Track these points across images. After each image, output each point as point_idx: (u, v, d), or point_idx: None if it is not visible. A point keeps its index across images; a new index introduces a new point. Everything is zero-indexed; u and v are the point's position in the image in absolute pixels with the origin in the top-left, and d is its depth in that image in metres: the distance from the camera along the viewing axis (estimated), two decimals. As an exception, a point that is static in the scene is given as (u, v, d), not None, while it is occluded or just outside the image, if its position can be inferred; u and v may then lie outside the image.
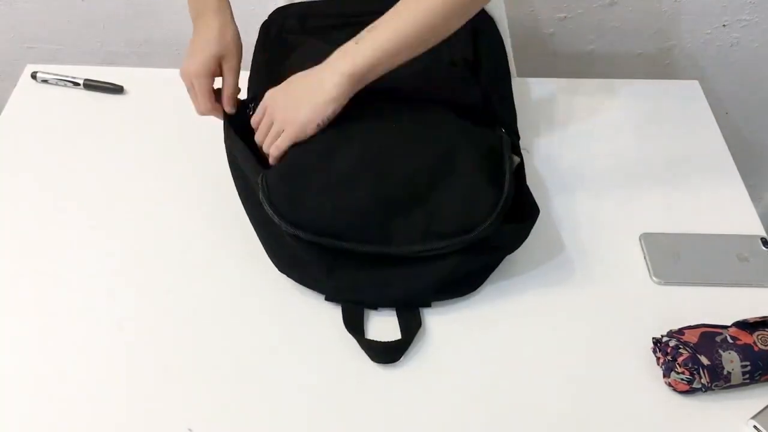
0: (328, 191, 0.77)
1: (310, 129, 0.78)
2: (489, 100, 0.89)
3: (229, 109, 0.85)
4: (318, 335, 0.80)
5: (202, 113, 0.85)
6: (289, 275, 0.83)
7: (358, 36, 0.76)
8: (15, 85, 1.08)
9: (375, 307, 0.82)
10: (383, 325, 0.81)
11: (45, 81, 1.08)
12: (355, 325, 0.80)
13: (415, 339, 0.79)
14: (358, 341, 0.78)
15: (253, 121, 0.83)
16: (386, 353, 0.78)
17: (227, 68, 0.83)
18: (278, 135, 0.79)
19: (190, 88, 0.84)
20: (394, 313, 0.82)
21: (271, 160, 0.81)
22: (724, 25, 1.33)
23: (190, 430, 0.72)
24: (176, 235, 0.89)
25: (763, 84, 1.43)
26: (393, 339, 0.79)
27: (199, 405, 0.74)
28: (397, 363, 0.78)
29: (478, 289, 0.83)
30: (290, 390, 0.76)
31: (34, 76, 1.08)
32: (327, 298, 0.82)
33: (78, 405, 0.74)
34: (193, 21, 0.85)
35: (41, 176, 0.96)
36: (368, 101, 0.81)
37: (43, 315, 0.81)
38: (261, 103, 0.81)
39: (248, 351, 0.79)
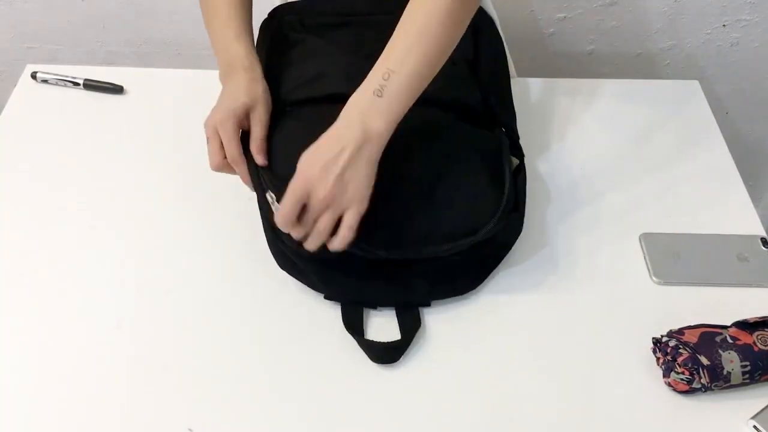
0: None
1: (369, 193, 0.73)
2: (488, 100, 0.89)
3: (261, 160, 0.78)
4: (318, 334, 0.80)
5: (218, 166, 0.79)
6: (289, 272, 0.83)
7: (376, 85, 0.71)
8: (15, 85, 1.08)
9: (375, 306, 0.82)
10: (383, 325, 0.81)
11: (45, 81, 1.08)
12: (354, 325, 0.80)
13: (415, 339, 0.79)
14: (358, 341, 0.78)
15: (288, 218, 0.72)
16: (386, 353, 0.78)
17: (255, 118, 0.79)
18: (335, 220, 0.72)
19: (211, 139, 0.78)
20: (394, 312, 0.82)
21: (339, 247, 0.74)
22: (724, 25, 1.33)
23: (190, 430, 0.72)
24: (176, 235, 0.89)
25: (763, 84, 1.43)
26: (393, 339, 0.79)
27: (199, 405, 0.74)
28: (396, 363, 0.78)
29: (479, 289, 0.83)
30: (290, 390, 0.76)
31: (34, 76, 1.08)
32: (326, 297, 0.82)
33: (78, 405, 0.74)
34: (222, 81, 0.82)
35: (41, 176, 0.96)
36: None
37: (42, 315, 0.81)
38: (290, 198, 0.72)
39: (248, 351, 0.79)
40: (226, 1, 0.85)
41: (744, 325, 0.76)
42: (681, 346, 0.74)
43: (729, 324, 0.77)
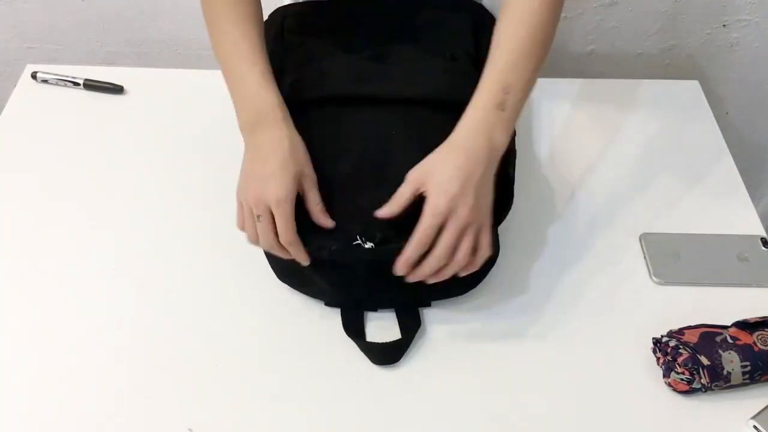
0: (328, 200, 0.75)
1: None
2: None
3: (329, 223, 0.74)
4: (318, 334, 0.80)
5: (271, 246, 0.72)
6: (289, 283, 0.83)
7: (498, 99, 0.72)
8: (15, 85, 1.08)
9: (375, 308, 0.82)
10: (382, 326, 0.81)
11: (45, 81, 1.08)
12: (354, 329, 0.80)
13: (415, 339, 0.79)
14: (359, 345, 0.78)
15: (425, 243, 0.70)
16: (386, 354, 0.78)
17: (308, 185, 0.73)
18: (475, 240, 0.71)
19: (262, 216, 0.71)
20: (393, 314, 0.82)
21: (475, 268, 0.73)
22: (724, 25, 1.33)
23: (190, 430, 0.72)
24: (176, 236, 0.89)
25: (763, 84, 1.43)
26: (392, 339, 0.79)
27: (199, 405, 0.74)
28: (396, 363, 0.78)
29: (479, 289, 0.83)
30: (290, 390, 0.76)
31: (34, 76, 1.08)
32: (327, 303, 0.82)
33: (78, 405, 0.74)
34: (249, 129, 0.75)
35: (41, 176, 0.96)
36: (364, 107, 0.81)
37: (42, 314, 0.81)
38: (433, 219, 0.69)
39: (248, 351, 0.79)
40: (243, 32, 0.78)
41: (744, 325, 0.76)
42: (681, 346, 0.74)
43: (729, 324, 0.77)
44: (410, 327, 0.80)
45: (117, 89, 1.07)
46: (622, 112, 1.06)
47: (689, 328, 0.76)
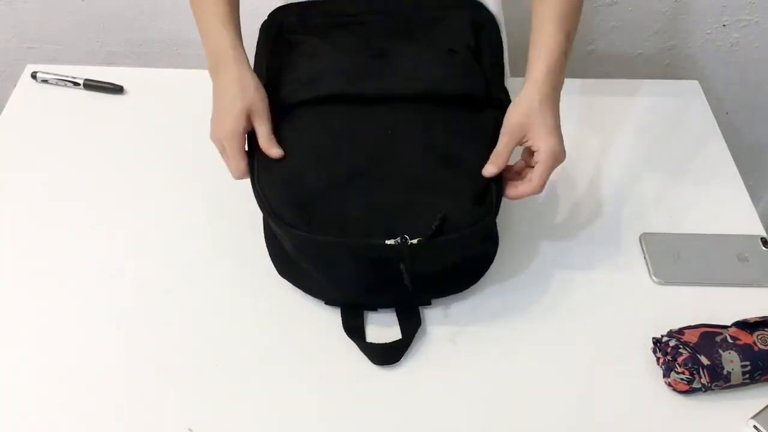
0: (327, 197, 0.76)
1: None
2: (490, 90, 0.88)
3: (276, 153, 0.79)
4: (318, 334, 0.80)
5: (238, 176, 0.80)
6: (288, 278, 0.83)
7: (564, 48, 0.80)
8: (15, 85, 1.08)
9: (375, 308, 0.82)
10: (383, 325, 0.81)
11: (45, 81, 1.08)
12: (354, 329, 0.80)
13: (415, 339, 0.79)
14: (359, 345, 0.78)
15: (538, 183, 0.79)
16: (386, 355, 0.78)
17: (257, 119, 0.79)
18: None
19: (223, 152, 0.80)
20: (393, 314, 0.81)
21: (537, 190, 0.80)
22: (724, 25, 1.33)
23: (190, 430, 0.72)
24: (176, 235, 0.89)
25: (763, 84, 1.43)
26: (392, 339, 0.79)
27: (199, 405, 0.74)
28: (397, 363, 0.78)
29: (479, 289, 0.83)
30: (290, 390, 0.76)
31: (34, 76, 1.08)
32: (327, 303, 0.82)
33: (77, 405, 0.74)
34: (212, 75, 0.83)
35: (41, 176, 0.96)
36: (364, 105, 0.81)
37: (42, 314, 0.81)
38: (548, 165, 0.78)
39: (248, 351, 0.79)
40: None
41: (744, 325, 0.76)
42: (681, 346, 0.74)
43: (729, 324, 0.77)
44: (410, 327, 0.80)
45: (117, 89, 1.07)
46: (622, 112, 1.06)
47: (689, 327, 0.76)
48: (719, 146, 1.02)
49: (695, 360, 0.73)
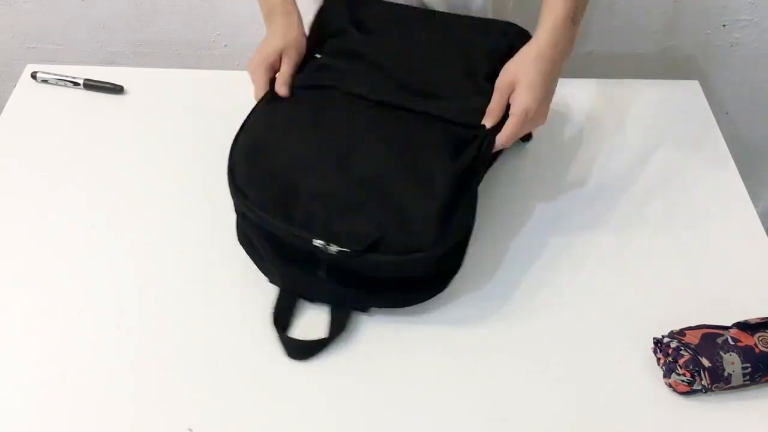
0: (284, 175, 0.78)
1: None
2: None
3: (284, 91, 0.86)
4: (317, 335, 0.80)
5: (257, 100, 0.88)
6: (245, 251, 0.84)
7: (572, 14, 0.82)
8: (15, 85, 1.08)
9: (312, 299, 0.82)
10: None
11: (45, 81, 1.08)
12: (282, 320, 0.80)
13: (411, 340, 0.79)
14: (280, 337, 0.78)
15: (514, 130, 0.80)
16: (301, 351, 0.78)
17: (286, 59, 0.87)
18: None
19: (252, 79, 0.87)
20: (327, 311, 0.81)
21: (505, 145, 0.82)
22: (724, 25, 1.33)
23: (190, 430, 0.72)
24: (176, 235, 0.89)
25: (763, 84, 1.43)
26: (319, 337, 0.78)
27: (199, 405, 0.74)
28: (396, 363, 0.78)
29: (478, 290, 0.83)
30: (290, 390, 0.76)
31: (34, 76, 1.08)
32: (270, 281, 0.82)
33: (77, 405, 0.74)
34: (265, 22, 0.90)
35: (41, 176, 0.96)
36: (364, 106, 0.83)
37: (42, 314, 0.81)
38: (520, 117, 0.80)
39: (249, 351, 0.79)
40: None
41: (745, 327, 0.76)
42: (682, 348, 0.74)
43: (730, 325, 0.77)
44: (337, 327, 0.79)
45: (117, 89, 1.07)
46: (622, 112, 1.06)
47: (690, 328, 0.76)
48: (719, 146, 1.02)
49: (696, 362, 0.73)
